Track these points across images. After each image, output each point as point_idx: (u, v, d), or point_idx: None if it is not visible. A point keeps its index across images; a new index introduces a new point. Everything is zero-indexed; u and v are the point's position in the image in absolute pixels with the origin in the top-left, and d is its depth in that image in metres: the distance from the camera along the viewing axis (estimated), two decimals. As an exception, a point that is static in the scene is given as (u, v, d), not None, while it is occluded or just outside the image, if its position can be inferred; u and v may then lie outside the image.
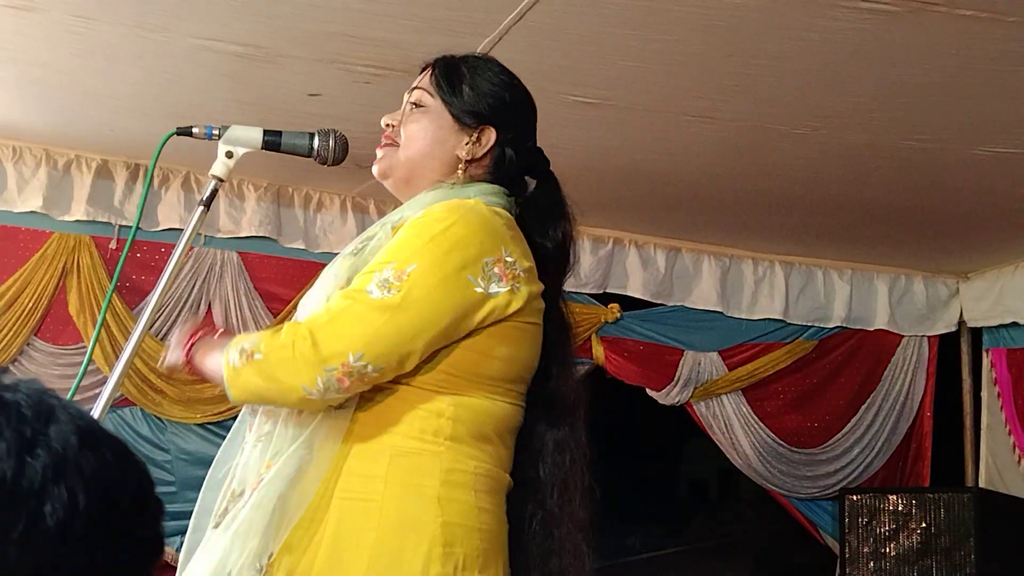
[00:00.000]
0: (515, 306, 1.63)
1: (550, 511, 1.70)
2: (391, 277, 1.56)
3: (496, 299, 1.62)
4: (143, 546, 0.83)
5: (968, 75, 2.58)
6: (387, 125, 1.82)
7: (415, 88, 1.81)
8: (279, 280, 4.47)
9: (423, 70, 1.84)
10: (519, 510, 1.70)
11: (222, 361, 1.59)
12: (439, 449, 1.60)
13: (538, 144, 1.87)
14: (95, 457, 0.80)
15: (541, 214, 1.78)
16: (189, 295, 4.32)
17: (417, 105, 1.79)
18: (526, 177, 1.83)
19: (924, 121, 2.96)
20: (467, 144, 1.75)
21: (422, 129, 1.77)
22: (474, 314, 1.61)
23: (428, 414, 1.61)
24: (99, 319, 4.03)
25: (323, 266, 5.12)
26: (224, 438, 4.84)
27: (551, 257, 1.75)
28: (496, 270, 1.62)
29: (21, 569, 0.73)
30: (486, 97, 1.77)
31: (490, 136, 1.76)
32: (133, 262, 4.23)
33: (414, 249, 1.59)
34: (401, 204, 1.80)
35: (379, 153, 1.81)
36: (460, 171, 1.75)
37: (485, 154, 1.77)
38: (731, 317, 4.97)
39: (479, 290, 1.61)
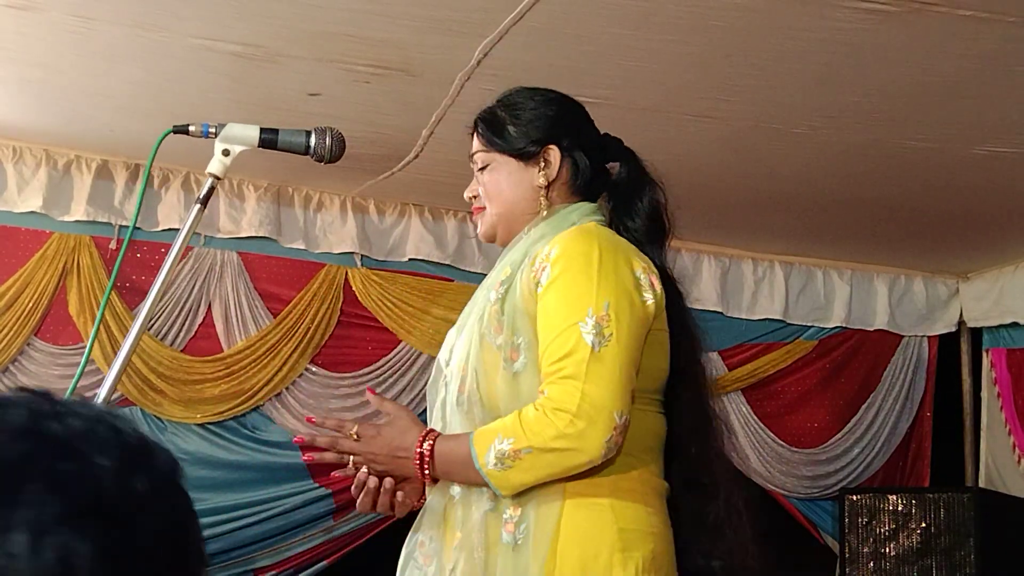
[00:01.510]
0: (657, 312, 1.72)
1: (713, 505, 1.78)
2: (597, 321, 1.63)
3: (650, 307, 1.71)
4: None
5: (968, 75, 2.58)
6: (471, 198, 1.92)
7: (473, 154, 1.90)
8: (279, 280, 4.47)
9: (471, 134, 1.93)
10: (682, 510, 1.77)
11: (478, 466, 1.63)
12: (609, 460, 1.66)
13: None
14: (142, 478, 0.70)
15: (628, 192, 1.87)
16: (189, 295, 4.32)
17: (482, 168, 1.88)
18: (607, 165, 1.92)
19: (924, 121, 2.96)
20: (540, 173, 1.83)
21: (497, 183, 1.86)
22: (647, 326, 1.71)
23: None
24: (97, 317, 4.03)
25: (323, 266, 5.10)
26: (224, 438, 4.82)
27: (647, 231, 1.84)
28: (643, 280, 1.71)
29: None
30: (532, 123, 1.85)
31: (555, 154, 1.83)
32: (133, 262, 4.24)
33: (593, 286, 1.66)
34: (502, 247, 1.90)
35: (477, 219, 1.92)
36: (543, 197, 1.83)
37: (560, 170, 1.84)
38: (731, 317, 4.98)
39: (649, 302, 1.70)
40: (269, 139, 1.83)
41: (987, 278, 4.96)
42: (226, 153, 1.80)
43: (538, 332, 1.68)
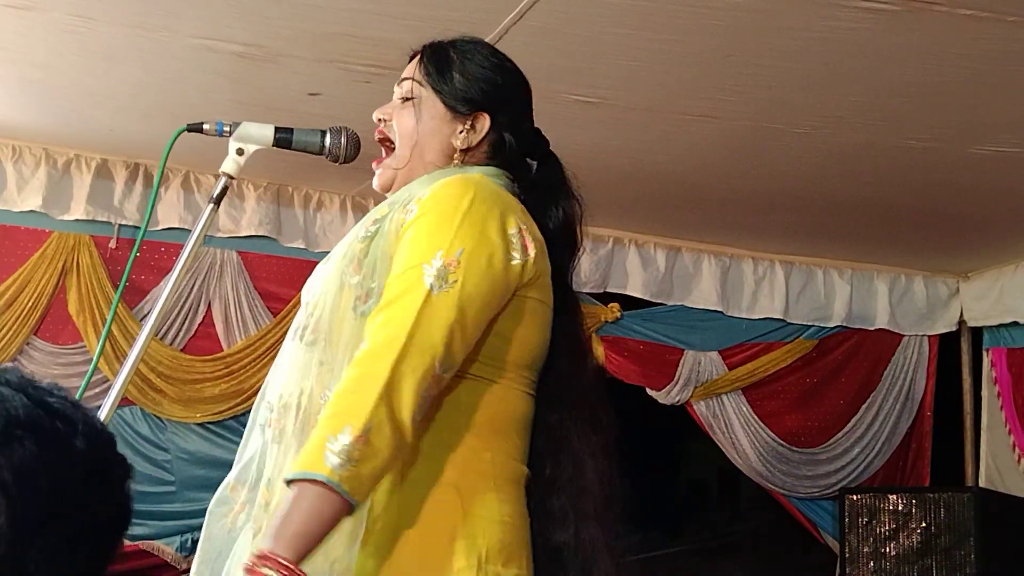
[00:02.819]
0: (526, 276, 1.55)
1: (562, 507, 1.61)
2: (444, 265, 1.47)
3: (516, 268, 1.54)
4: (98, 521, 0.82)
5: (968, 75, 2.58)
6: (379, 120, 1.76)
7: (404, 79, 1.75)
8: (279, 280, 4.47)
9: (411, 58, 1.78)
10: (534, 505, 1.60)
11: (325, 478, 1.33)
12: (455, 440, 1.52)
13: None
14: (23, 445, 0.78)
15: (545, 195, 1.71)
16: (189, 294, 4.32)
17: (407, 98, 1.73)
18: (528, 159, 1.77)
19: (924, 121, 2.96)
20: (462, 133, 1.69)
21: (415, 123, 1.71)
22: (510, 289, 1.55)
23: (445, 404, 1.52)
24: (104, 331, 4.01)
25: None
26: (224, 437, 4.82)
27: (557, 238, 1.69)
28: (515, 240, 1.55)
29: None
30: (478, 82, 1.70)
31: (484, 123, 1.69)
32: (133, 261, 4.24)
33: (451, 230, 1.50)
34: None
35: (377, 169, 1.77)
36: (456, 161, 1.69)
37: (481, 141, 1.70)
38: (731, 317, 4.98)
39: (515, 262, 1.54)
40: (284, 138, 1.79)
41: (987, 278, 4.96)
42: (240, 152, 1.77)
43: None
